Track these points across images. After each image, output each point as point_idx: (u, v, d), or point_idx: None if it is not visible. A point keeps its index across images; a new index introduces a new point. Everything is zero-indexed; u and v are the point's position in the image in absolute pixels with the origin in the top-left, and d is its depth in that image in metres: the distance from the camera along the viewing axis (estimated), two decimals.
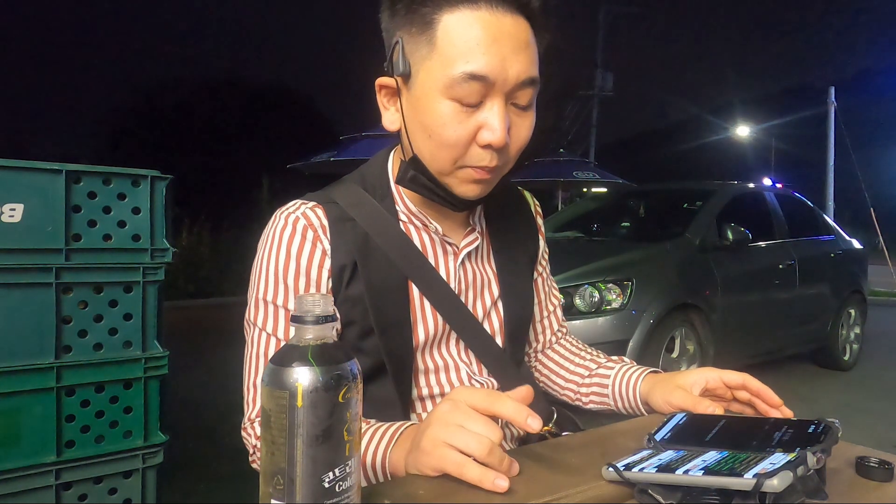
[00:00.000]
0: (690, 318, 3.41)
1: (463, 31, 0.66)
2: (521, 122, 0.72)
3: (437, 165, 0.73)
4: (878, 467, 0.58)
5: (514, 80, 0.68)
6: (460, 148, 0.70)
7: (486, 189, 0.75)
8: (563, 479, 0.56)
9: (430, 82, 0.69)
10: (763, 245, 4.13)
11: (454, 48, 0.67)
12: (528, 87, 0.70)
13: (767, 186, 5.48)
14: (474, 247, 0.84)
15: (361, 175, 0.84)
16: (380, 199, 0.80)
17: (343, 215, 0.78)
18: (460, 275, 0.82)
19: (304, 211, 0.77)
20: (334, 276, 0.76)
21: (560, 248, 3.89)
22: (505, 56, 0.67)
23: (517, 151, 0.74)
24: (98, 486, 1.42)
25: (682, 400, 0.76)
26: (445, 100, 0.68)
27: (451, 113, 0.68)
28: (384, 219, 0.78)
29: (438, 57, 0.68)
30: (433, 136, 0.70)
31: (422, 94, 0.70)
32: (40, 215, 1.35)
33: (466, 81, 0.66)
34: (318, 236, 0.76)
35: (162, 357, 1.49)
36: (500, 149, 0.70)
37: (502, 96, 0.68)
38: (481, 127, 0.69)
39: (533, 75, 0.70)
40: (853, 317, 4.91)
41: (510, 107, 0.71)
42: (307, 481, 0.44)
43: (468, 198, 0.75)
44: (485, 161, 0.71)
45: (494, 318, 0.85)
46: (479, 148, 0.70)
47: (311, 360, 0.44)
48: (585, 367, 0.96)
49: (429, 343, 0.80)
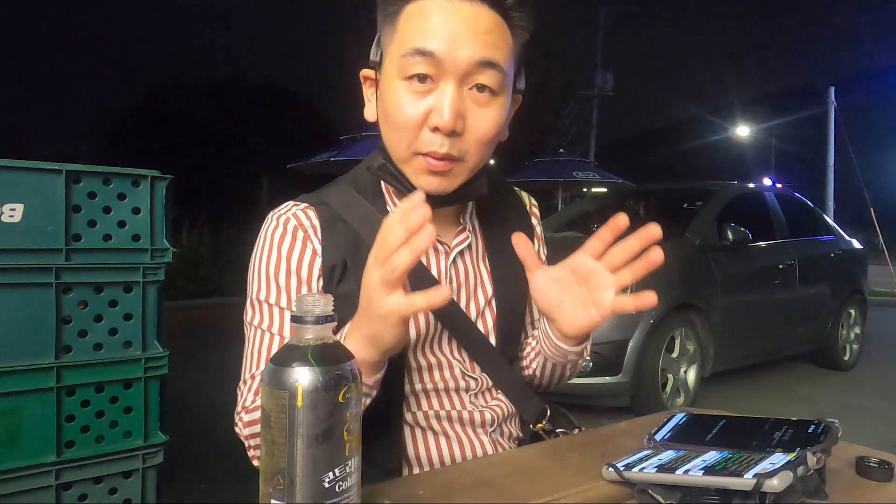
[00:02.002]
0: (690, 318, 3.41)
1: (420, 15, 0.69)
2: (482, 111, 0.71)
3: (394, 151, 0.74)
4: (878, 467, 0.58)
5: (465, 60, 0.68)
6: (410, 130, 0.70)
7: (448, 183, 0.73)
8: (563, 479, 0.57)
9: (389, 66, 0.72)
10: (763, 245, 4.13)
11: (409, 30, 0.70)
12: (486, 69, 0.69)
13: (767, 186, 5.48)
14: (465, 245, 0.84)
15: (353, 176, 0.85)
16: (371, 199, 0.81)
17: (335, 216, 0.79)
18: (452, 274, 0.82)
19: (294, 212, 0.78)
20: (325, 276, 0.77)
21: (560, 248, 3.88)
22: (456, 37, 0.68)
23: (478, 143, 0.72)
24: (98, 486, 1.42)
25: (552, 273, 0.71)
26: (399, 80, 0.70)
27: (404, 94, 0.70)
28: (375, 219, 0.78)
29: (397, 41, 0.71)
30: (389, 119, 0.72)
31: (384, 79, 0.73)
32: (40, 215, 1.34)
33: (413, 57, 0.68)
34: (308, 236, 0.77)
35: (162, 357, 1.49)
36: (451, 135, 0.70)
37: (455, 79, 0.69)
38: (431, 110, 0.69)
39: (488, 57, 0.69)
40: (853, 317, 4.91)
41: (468, 93, 0.70)
42: (307, 481, 0.44)
43: (428, 191, 0.70)
44: (434, 146, 0.70)
45: (488, 317, 0.85)
46: (430, 132, 0.70)
47: (311, 360, 0.44)
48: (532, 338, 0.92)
49: (421, 341, 0.80)
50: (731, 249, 3.75)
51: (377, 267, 0.57)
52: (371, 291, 0.58)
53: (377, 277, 0.57)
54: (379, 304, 0.57)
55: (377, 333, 0.60)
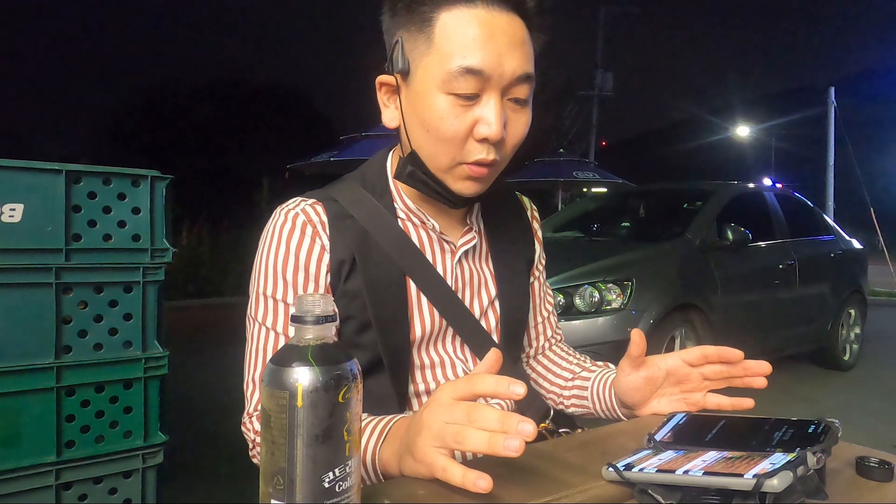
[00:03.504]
0: (690, 318, 3.41)
1: (460, 28, 0.69)
2: (518, 118, 0.74)
3: (435, 161, 0.74)
4: (878, 467, 0.58)
5: (509, 75, 0.70)
6: (457, 142, 0.72)
7: (483, 187, 0.76)
8: (563, 479, 0.56)
9: (428, 78, 0.71)
10: (763, 245, 4.13)
11: (451, 44, 0.69)
12: (524, 82, 0.72)
13: (767, 186, 5.48)
14: (471, 245, 0.84)
15: (361, 174, 0.85)
16: (379, 196, 0.81)
17: (342, 212, 0.79)
18: (457, 273, 0.83)
19: (303, 207, 0.78)
20: (333, 271, 0.77)
21: (560, 248, 3.89)
22: (500, 52, 0.69)
23: (513, 147, 0.76)
24: (98, 486, 1.42)
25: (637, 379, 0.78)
26: (443, 94, 0.70)
27: (449, 108, 0.70)
28: (383, 216, 0.79)
29: (436, 53, 0.70)
30: (431, 131, 0.72)
31: (420, 89, 0.72)
32: (40, 215, 1.35)
33: (463, 76, 0.68)
34: (317, 232, 0.77)
35: (162, 357, 1.49)
36: (497, 143, 0.72)
37: (498, 91, 0.70)
38: (478, 121, 0.71)
39: (528, 71, 0.71)
40: (853, 317, 4.91)
41: (506, 102, 0.72)
42: (307, 481, 0.44)
43: (465, 195, 0.76)
44: (482, 155, 0.72)
45: (491, 317, 0.86)
46: (476, 142, 0.72)
47: (312, 360, 0.44)
48: (570, 370, 0.96)
49: (426, 339, 0.80)
50: (731, 249, 3.75)
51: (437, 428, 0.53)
52: (425, 451, 0.54)
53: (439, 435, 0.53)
54: (427, 464, 0.54)
55: (415, 474, 0.57)
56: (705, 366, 0.76)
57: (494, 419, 0.51)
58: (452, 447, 0.53)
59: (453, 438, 0.52)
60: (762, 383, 0.73)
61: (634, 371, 0.78)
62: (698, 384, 0.77)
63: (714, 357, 0.75)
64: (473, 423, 0.52)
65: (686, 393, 0.78)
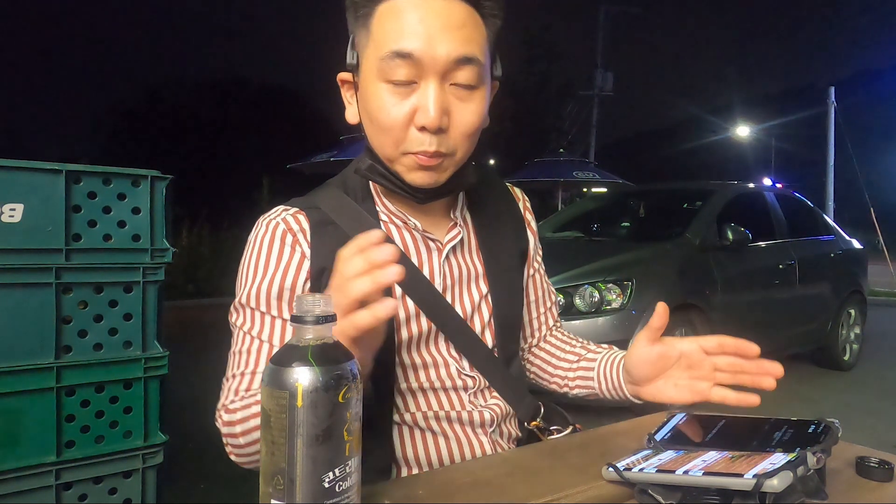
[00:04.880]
0: (690, 318, 3.41)
1: (393, 16, 0.69)
2: (465, 105, 0.72)
3: (382, 151, 0.75)
4: (878, 467, 0.58)
5: (444, 58, 0.68)
6: (397, 131, 0.71)
7: (439, 177, 0.74)
8: (563, 479, 0.56)
9: (368, 69, 0.72)
10: (763, 245, 4.13)
11: (384, 31, 0.70)
12: (464, 65, 0.70)
13: (767, 186, 5.48)
14: (458, 240, 0.83)
15: (343, 179, 0.85)
16: (360, 201, 0.82)
17: (325, 219, 0.79)
18: (445, 270, 0.82)
19: (284, 217, 0.78)
20: (312, 279, 0.77)
21: (560, 248, 3.89)
22: (432, 35, 0.68)
23: (464, 137, 0.73)
24: (98, 486, 1.42)
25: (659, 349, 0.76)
26: (381, 83, 0.70)
27: (386, 96, 0.70)
28: (365, 221, 0.79)
29: (373, 43, 0.71)
30: (374, 121, 0.73)
31: (364, 81, 0.73)
32: (40, 215, 1.34)
33: (394, 60, 0.68)
34: (297, 240, 0.77)
35: (162, 357, 1.49)
36: (438, 132, 0.70)
37: (436, 77, 0.69)
38: (416, 109, 0.70)
39: (465, 54, 0.69)
40: (853, 317, 4.91)
41: (450, 88, 0.71)
42: (307, 481, 0.44)
43: (420, 186, 0.74)
44: (424, 145, 0.70)
45: (485, 311, 0.85)
46: (417, 131, 0.71)
47: (311, 360, 0.44)
48: (575, 353, 0.95)
49: (414, 340, 0.80)
50: (731, 249, 3.75)
51: (334, 293, 0.57)
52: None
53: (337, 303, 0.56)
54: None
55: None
56: (720, 356, 0.74)
57: (356, 264, 0.56)
58: (346, 304, 0.55)
59: (343, 296, 0.55)
60: (771, 385, 0.70)
61: (650, 345, 0.76)
62: (709, 373, 0.74)
63: (731, 348, 0.73)
64: (346, 278, 0.56)
65: (694, 380, 0.75)
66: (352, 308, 0.55)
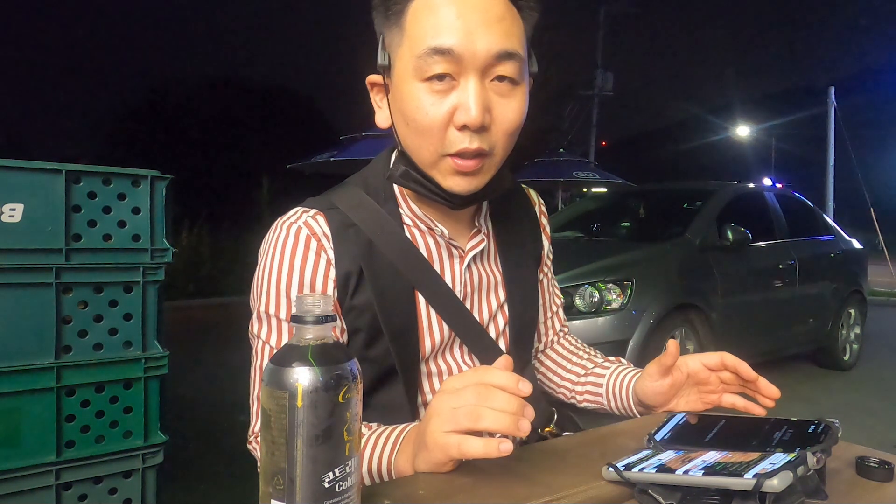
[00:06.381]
0: (690, 318, 3.41)
1: (428, 11, 0.66)
2: (507, 102, 0.69)
3: (419, 156, 0.71)
4: (878, 467, 0.58)
5: (484, 53, 0.65)
6: (436, 132, 0.67)
7: (477, 183, 0.71)
8: (563, 479, 0.56)
9: (403, 68, 0.68)
10: (763, 245, 4.13)
11: (420, 29, 0.66)
12: (506, 60, 0.67)
13: (767, 186, 5.48)
14: (480, 249, 0.81)
15: (363, 177, 0.81)
16: (382, 202, 0.78)
17: (346, 221, 0.75)
18: (466, 278, 0.80)
19: (305, 220, 0.74)
20: (339, 286, 0.74)
21: (560, 248, 3.88)
22: (471, 29, 0.65)
23: (506, 135, 0.70)
24: (98, 486, 1.42)
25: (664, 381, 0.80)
26: (417, 82, 0.67)
27: (424, 95, 0.67)
28: (388, 224, 0.76)
29: (408, 41, 0.67)
30: (410, 124, 0.69)
31: (399, 82, 0.69)
32: (40, 215, 1.34)
33: (431, 57, 0.65)
34: (321, 245, 0.73)
35: (162, 357, 1.49)
36: (480, 130, 0.67)
37: (476, 73, 0.66)
38: (456, 108, 0.66)
39: (507, 48, 0.66)
40: (853, 317, 4.91)
41: (490, 85, 0.67)
42: (307, 481, 0.44)
43: (457, 192, 0.71)
44: (464, 143, 0.67)
45: (500, 320, 0.84)
46: (457, 131, 0.67)
47: (312, 360, 0.44)
48: (582, 365, 0.95)
49: (435, 349, 0.79)
50: (731, 249, 3.75)
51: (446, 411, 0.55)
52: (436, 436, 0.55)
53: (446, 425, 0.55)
54: (441, 448, 0.55)
55: (431, 467, 0.58)
56: (723, 371, 0.79)
57: (505, 400, 0.53)
58: (466, 427, 0.53)
59: (467, 418, 0.53)
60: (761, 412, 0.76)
61: (662, 378, 0.79)
62: (716, 387, 0.80)
63: (731, 368, 0.78)
64: (485, 403, 0.53)
65: (704, 394, 0.80)
66: (461, 430, 0.54)
